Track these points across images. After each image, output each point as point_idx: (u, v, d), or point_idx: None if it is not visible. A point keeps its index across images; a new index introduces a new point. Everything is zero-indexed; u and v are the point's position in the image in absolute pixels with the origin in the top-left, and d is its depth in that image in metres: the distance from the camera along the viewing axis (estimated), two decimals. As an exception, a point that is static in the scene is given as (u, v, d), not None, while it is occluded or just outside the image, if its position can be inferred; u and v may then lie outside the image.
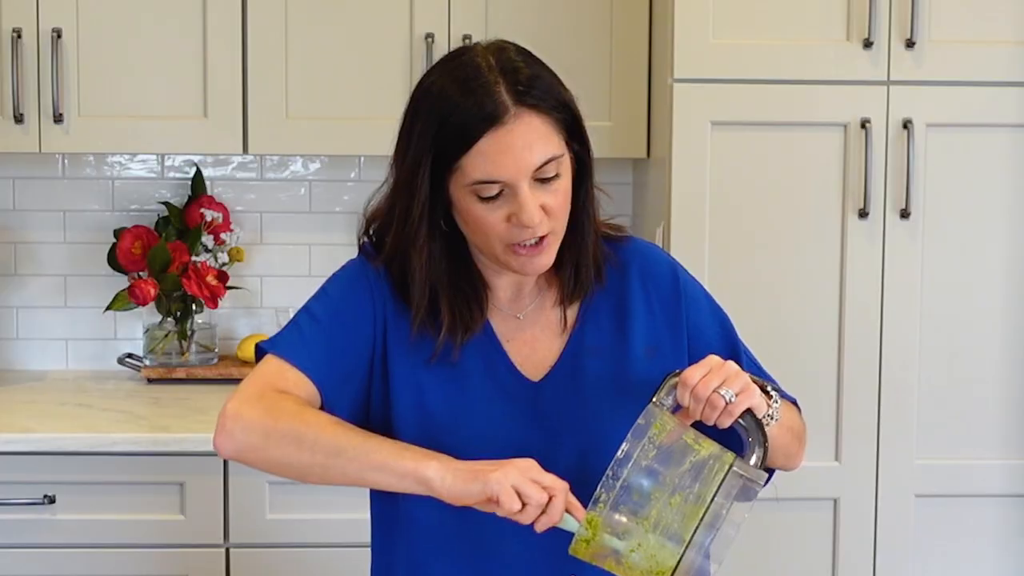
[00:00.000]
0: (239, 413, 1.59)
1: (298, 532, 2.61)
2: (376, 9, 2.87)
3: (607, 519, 1.48)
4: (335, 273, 1.73)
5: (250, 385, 1.63)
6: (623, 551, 1.48)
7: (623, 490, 1.48)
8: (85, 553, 2.59)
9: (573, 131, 1.62)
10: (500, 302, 1.70)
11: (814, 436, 2.63)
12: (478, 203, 1.58)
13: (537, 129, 1.56)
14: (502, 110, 1.54)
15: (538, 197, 1.57)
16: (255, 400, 1.59)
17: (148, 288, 2.99)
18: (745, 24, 2.61)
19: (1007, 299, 2.68)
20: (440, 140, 1.57)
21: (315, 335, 1.66)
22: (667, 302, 1.73)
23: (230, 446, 1.60)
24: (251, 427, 1.58)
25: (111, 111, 2.87)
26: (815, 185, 2.64)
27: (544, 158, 1.56)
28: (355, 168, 3.21)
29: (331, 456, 1.54)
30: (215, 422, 1.60)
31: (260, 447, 1.58)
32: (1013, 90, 2.63)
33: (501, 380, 1.67)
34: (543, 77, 1.60)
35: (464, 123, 1.55)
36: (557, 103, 1.59)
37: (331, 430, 1.56)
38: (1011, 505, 2.72)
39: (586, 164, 1.65)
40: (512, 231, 1.58)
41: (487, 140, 1.54)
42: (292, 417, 1.57)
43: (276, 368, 1.64)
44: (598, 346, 1.69)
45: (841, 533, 2.69)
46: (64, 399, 2.91)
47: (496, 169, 1.55)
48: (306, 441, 1.55)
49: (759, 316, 2.64)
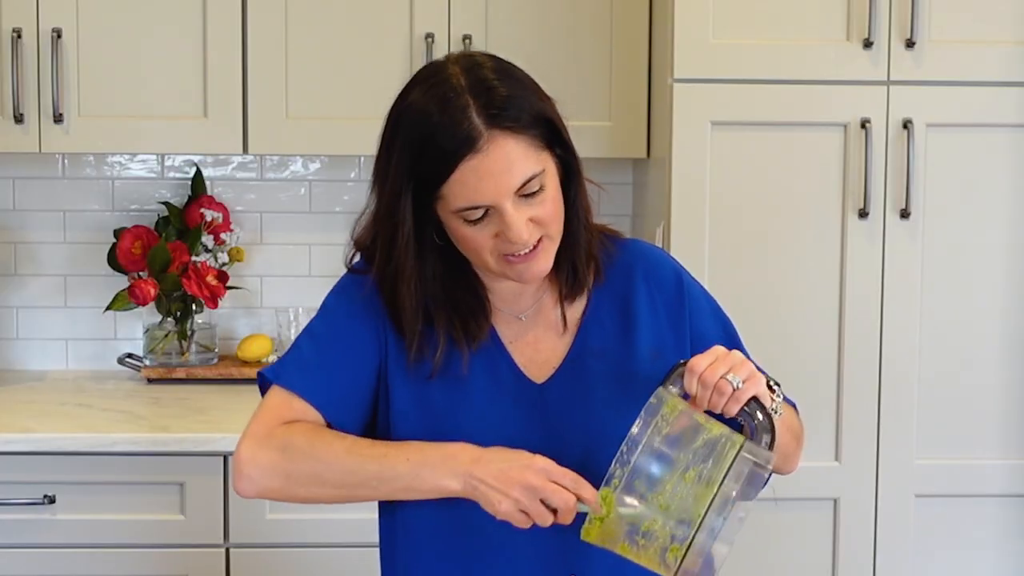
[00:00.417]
0: (254, 458, 1.59)
1: (298, 532, 2.61)
2: (376, 9, 2.87)
3: (620, 496, 1.48)
4: (334, 288, 1.73)
5: (259, 423, 1.62)
6: (638, 527, 1.48)
7: (637, 467, 1.48)
8: (85, 553, 2.59)
9: (553, 139, 1.60)
10: (502, 303, 1.70)
11: (814, 436, 2.64)
12: (466, 226, 1.58)
13: (513, 151, 1.55)
14: (476, 135, 1.53)
15: (524, 212, 1.57)
16: (266, 440, 1.59)
17: (148, 288, 3.00)
18: (745, 24, 2.61)
19: (1007, 299, 2.68)
20: (419, 168, 1.57)
21: (317, 359, 1.66)
22: (671, 305, 1.73)
23: (252, 490, 1.60)
24: (269, 471, 1.59)
25: (111, 111, 2.87)
26: (815, 185, 2.64)
27: (524, 178, 1.55)
28: (355, 168, 3.21)
29: (354, 488, 1.58)
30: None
31: (282, 488, 1.59)
32: (1013, 90, 2.63)
33: (505, 382, 1.66)
34: (516, 94, 1.57)
35: (440, 150, 1.54)
36: (532, 119, 1.57)
37: (346, 461, 1.57)
38: (1011, 505, 2.72)
39: (572, 166, 1.64)
40: (503, 245, 1.58)
41: (464, 168, 1.54)
42: (306, 456, 1.58)
43: (282, 400, 1.64)
44: (602, 348, 1.69)
45: (841, 533, 2.69)
46: (64, 399, 2.91)
47: (477, 195, 1.55)
48: (326, 478, 1.57)
49: (759, 316, 2.64)
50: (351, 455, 1.58)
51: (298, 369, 1.66)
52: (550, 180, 1.59)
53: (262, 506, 2.59)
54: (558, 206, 1.61)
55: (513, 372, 1.67)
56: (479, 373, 1.66)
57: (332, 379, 1.65)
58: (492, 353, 1.67)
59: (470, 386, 1.66)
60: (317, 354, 1.67)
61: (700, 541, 1.46)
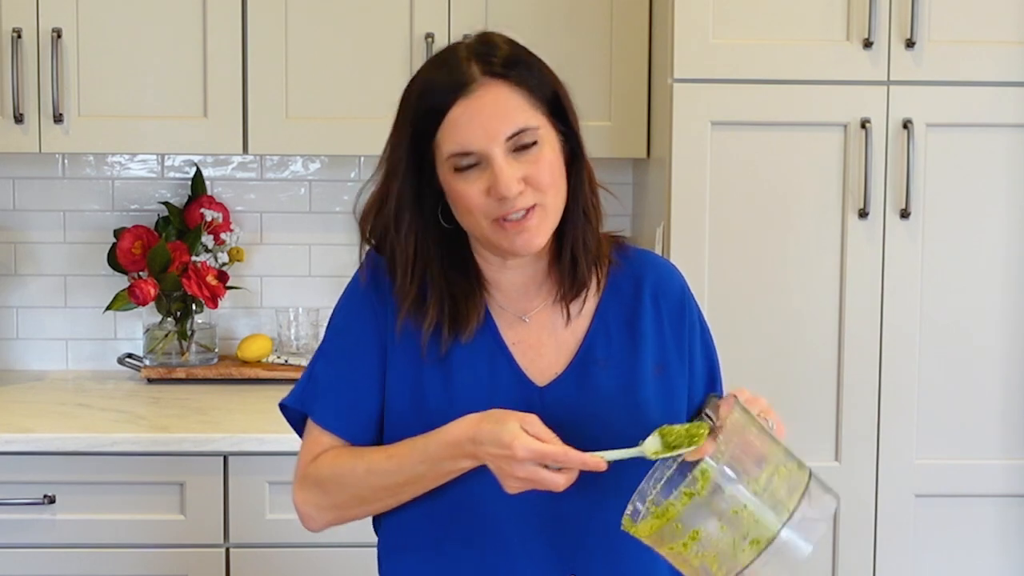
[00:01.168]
0: (304, 500, 1.70)
1: (298, 532, 2.57)
2: (376, 9, 2.87)
3: (720, 473, 1.43)
4: (338, 302, 1.74)
5: (299, 466, 1.71)
6: (727, 512, 1.42)
7: (736, 449, 1.44)
8: (85, 553, 2.59)
9: (557, 111, 1.63)
10: (504, 302, 1.70)
11: (814, 436, 2.65)
12: (457, 178, 1.60)
13: (507, 99, 1.58)
14: (468, 79, 1.58)
15: (516, 169, 1.58)
16: (303, 482, 1.69)
17: (148, 288, 2.99)
18: (745, 24, 2.61)
19: (1007, 299, 2.68)
20: (416, 119, 1.61)
21: (334, 384, 1.69)
22: (675, 322, 1.74)
23: (316, 527, 1.72)
24: (320, 509, 1.69)
25: (111, 111, 2.87)
26: (815, 185, 2.64)
27: (515, 127, 1.58)
28: (355, 168, 3.21)
29: (391, 495, 1.64)
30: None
31: (338, 517, 1.70)
32: (1013, 90, 2.63)
33: (505, 383, 1.66)
34: (523, 58, 1.62)
35: (434, 97, 1.59)
36: (535, 82, 1.61)
37: (371, 480, 1.64)
38: (1011, 505, 2.72)
39: (577, 152, 1.66)
40: (495, 204, 1.59)
41: (456, 110, 1.57)
42: (339, 486, 1.66)
43: (313, 437, 1.71)
44: (607, 356, 1.69)
45: (841, 533, 2.69)
46: (64, 399, 2.91)
47: (466, 138, 1.57)
48: (365, 496, 1.65)
49: (759, 316, 2.64)
50: (372, 475, 1.64)
51: (317, 398, 1.70)
52: (547, 143, 1.61)
53: (262, 506, 2.60)
54: (555, 174, 1.62)
55: (515, 373, 1.67)
56: (478, 370, 1.66)
57: (353, 403, 1.68)
58: (493, 351, 1.67)
59: (468, 383, 1.65)
60: (334, 378, 1.69)
61: (785, 534, 1.41)
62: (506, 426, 1.52)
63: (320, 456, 1.67)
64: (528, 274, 1.70)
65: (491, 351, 1.67)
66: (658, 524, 1.44)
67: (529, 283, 1.71)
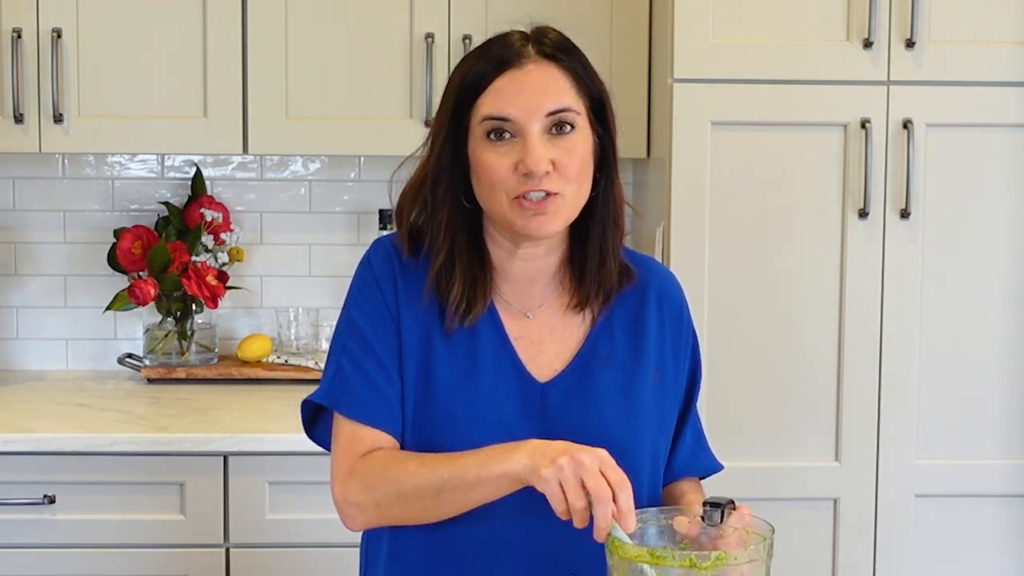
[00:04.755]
0: (346, 497, 1.66)
1: (298, 532, 2.61)
2: (376, 9, 2.87)
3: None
4: (351, 291, 1.73)
5: (339, 463, 1.67)
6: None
7: None
8: (85, 553, 2.59)
9: (598, 112, 1.65)
10: (509, 294, 1.71)
11: (814, 436, 2.65)
12: (487, 148, 1.60)
13: (556, 79, 1.62)
14: (523, 55, 1.62)
15: (548, 149, 1.59)
16: (350, 478, 1.65)
17: (148, 288, 3.00)
18: (745, 24, 2.61)
19: (1007, 299, 2.68)
20: (462, 87, 1.63)
21: (362, 377, 1.67)
22: (674, 332, 1.75)
23: (356, 525, 1.68)
24: (361, 506, 1.64)
25: (111, 111, 2.87)
26: (815, 185, 2.64)
27: (558, 105, 1.60)
28: (355, 168, 3.21)
29: (433, 496, 1.58)
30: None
31: (378, 516, 1.65)
32: (1013, 90, 2.63)
33: (507, 375, 1.67)
34: (576, 51, 1.66)
35: (483, 67, 1.62)
36: (584, 72, 1.64)
37: (418, 473, 1.59)
38: (1011, 505, 2.72)
39: (609, 155, 1.67)
40: (519, 181, 1.59)
41: (502, 79, 1.61)
42: (386, 481, 1.61)
43: (350, 434, 1.67)
44: (609, 357, 1.69)
45: (841, 533, 2.69)
46: (64, 399, 2.91)
47: (507, 105, 1.59)
48: (407, 496, 1.60)
49: (759, 316, 2.64)
50: (423, 467, 1.60)
51: (347, 393, 1.67)
52: (582, 134, 1.63)
53: (262, 506, 2.60)
54: (583, 168, 1.63)
55: (516, 367, 1.67)
56: (482, 359, 1.66)
57: (383, 394, 1.66)
58: (496, 343, 1.68)
59: (473, 370, 1.66)
60: (361, 372, 1.67)
61: None
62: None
63: (371, 453, 1.64)
64: (536, 267, 1.70)
65: (494, 342, 1.68)
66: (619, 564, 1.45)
67: (536, 277, 1.71)
